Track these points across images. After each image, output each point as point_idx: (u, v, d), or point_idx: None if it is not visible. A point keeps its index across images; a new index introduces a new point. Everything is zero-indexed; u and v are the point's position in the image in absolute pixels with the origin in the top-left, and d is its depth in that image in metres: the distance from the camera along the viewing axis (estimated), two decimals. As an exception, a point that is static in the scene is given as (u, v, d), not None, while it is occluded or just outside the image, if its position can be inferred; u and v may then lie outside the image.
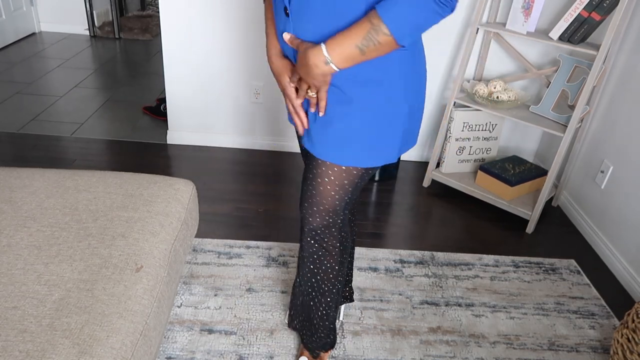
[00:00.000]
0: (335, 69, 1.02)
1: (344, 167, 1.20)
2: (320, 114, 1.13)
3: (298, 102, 1.17)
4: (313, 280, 1.43)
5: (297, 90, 1.16)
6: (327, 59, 1.01)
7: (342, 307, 1.78)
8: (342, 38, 1.00)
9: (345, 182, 1.23)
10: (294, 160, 2.84)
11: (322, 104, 1.12)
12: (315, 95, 1.11)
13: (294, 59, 1.14)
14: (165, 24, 2.57)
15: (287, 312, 1.74)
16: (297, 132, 1.27)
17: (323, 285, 1.43)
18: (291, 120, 1.24)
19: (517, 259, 2.16)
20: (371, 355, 1.64)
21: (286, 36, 1.09)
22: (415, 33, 0.98)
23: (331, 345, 1.57)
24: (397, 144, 1.17)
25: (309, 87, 1.10)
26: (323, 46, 1.01)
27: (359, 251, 2.11)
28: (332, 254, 1.38)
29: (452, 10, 0.96)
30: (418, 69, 1.14)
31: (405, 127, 1.16)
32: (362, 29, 0.97)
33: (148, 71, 4.04)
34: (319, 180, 1.24)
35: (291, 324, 1.64)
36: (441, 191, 2.65)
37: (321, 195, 1.26)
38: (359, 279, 1.96)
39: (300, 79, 1.11)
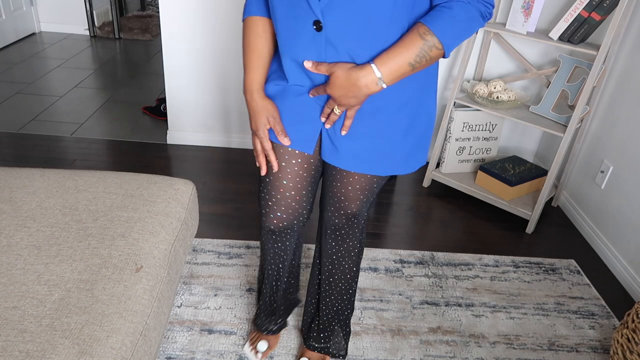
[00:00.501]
0: (384, 87, 0.99)
1: (376, 176, 1.20)
2: (344, 132, 1.09)
3: (270, 145, 1.14)
4: (330, 279, 1.43)
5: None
6: (380, 80, 0.97)
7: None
8: (393, 56, 0.96)
9: (375, 185, 1.24)
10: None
11: (349, 122, 1.08)
12: (339, 113, 1.06)
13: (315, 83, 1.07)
14: (165, 24, 2.57)
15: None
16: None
17: (340, 285, 1.44)
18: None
19: (517, 259, 2.16)
20: (371, 355, 1.64)
21: (308, 64, 1.01)
22: (459, 43, 0.99)
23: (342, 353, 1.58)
24: (428, 145, 1.20)
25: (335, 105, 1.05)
26: (374, 66, 0.96)
27: (359, 251, 2.11)
28: (350, 254, 1.38)
29: (490, 18, 0.99)
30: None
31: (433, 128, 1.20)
32: (414, 46, 0.95)
33: (148, 71, 4.04)
34: (350, 187, 1.23)
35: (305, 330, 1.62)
36: (441, 191, 2.65)
37: (349, 200, 1.25)
38: (359, 279, 1.96)
39: (331, 99, 1.04)
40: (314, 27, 0.98)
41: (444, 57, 0.99)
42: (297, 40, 1.02)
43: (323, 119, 1.10)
